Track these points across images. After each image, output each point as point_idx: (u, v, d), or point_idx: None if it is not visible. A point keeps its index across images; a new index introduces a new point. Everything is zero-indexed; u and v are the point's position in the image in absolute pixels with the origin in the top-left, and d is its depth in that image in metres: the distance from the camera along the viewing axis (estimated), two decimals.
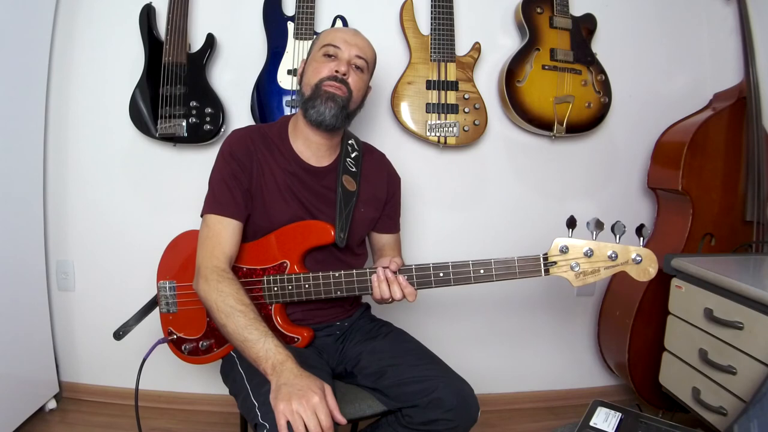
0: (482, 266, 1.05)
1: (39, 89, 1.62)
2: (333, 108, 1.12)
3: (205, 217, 1.12)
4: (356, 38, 1.18)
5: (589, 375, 1.96)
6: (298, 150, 1.19)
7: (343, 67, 1.14)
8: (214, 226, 1.10)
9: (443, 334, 1.83)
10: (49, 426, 1.65)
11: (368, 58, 1.19)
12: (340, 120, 1.14)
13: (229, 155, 1.14)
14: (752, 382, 1.11)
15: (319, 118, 1.13)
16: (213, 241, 1.09)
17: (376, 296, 1.07)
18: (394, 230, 1.34)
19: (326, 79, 1.13)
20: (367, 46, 1.20)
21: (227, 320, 1.00)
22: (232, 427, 1.69)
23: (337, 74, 1.13)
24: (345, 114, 1.15)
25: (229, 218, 1.10)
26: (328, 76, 1.13)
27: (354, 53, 1.16)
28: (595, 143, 1.84)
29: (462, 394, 1.05)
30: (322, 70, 1.15)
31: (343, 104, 1.14)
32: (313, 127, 1.16)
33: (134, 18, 1.60)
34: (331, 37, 1.17)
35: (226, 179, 1.12)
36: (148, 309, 1.27)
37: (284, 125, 1.22)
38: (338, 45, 1.15)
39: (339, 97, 1.13)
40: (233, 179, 1.12)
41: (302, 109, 1.16)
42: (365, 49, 1.19)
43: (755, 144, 1.63)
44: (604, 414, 1.05)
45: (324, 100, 1.12)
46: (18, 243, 1.57)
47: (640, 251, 1.03)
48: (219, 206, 1.11)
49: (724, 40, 1.83)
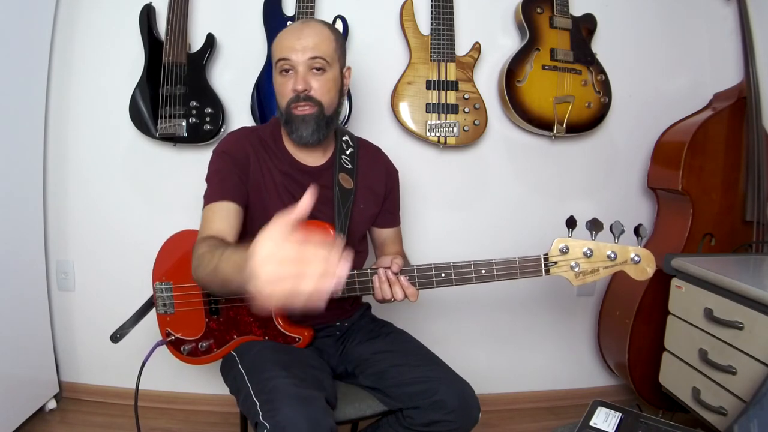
0: (484, 266, 1.05)
1: (39, 89, 1.62)
2: (308, 127, 1.10)
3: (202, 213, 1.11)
4: (302, 39, 1.08)
5: (589, 375, 1.96)
6: (291, 150, 1.18)
7: (300, 85, 1.08)
8: (205, 215, 1.08)
9: (444, 334, 1.83)
10: (49, 426, 1.65)
11: (325, 53, 1.09)
12: (322, 132, 1.12)
13: (222, 152, 1.13)
14: (752, 382, 1.11)
15: (301, 141, 1.12)
16: (202, 228, 1.07)
17: (378, 297, 1.07)
18: (395, 224, 1.33)
19: (291, 102, 1.09)
20: (319, 39, 1.09)
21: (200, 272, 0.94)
22: (232, 427, 1.69)
23: (298, 93, 1.08)
24: (324, 123, 1.12)
25: (220, 202, 1.07)
26: (292, 97, 1.09)
27: (306, 58, 1.08)
28: (595, 143, 1.84)
29: (463, 396, 1.05)
30: (284, 91, 1.10)
31: (317, 118, 1.11)
32: (296, 144, 1.15)
33: (134, 18, 1.60)
34: (278, 49, 1.10)
35: (218, 171, 1.11)
36: (144, 311, 1.26)
37: (277, 126, 1.21)
38: (287, 57, 1.08)
39: (310, 116, 1.10)
40: (226, 169, 1.10)
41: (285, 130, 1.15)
42: (318, 46, 1.09)
43: (755, 144, 1.63)
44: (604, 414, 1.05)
45: (298, 125, 1.10)
46: (18, 243, 1.57)
47: (639, 251, 1.04)
48: (212, 196, 1.09)
49: (724, 40, 1.83)
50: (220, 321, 1.16)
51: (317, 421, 0.90)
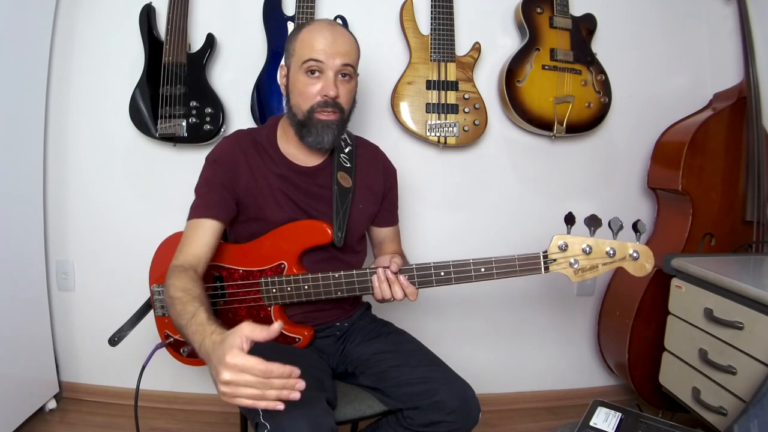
0: (483, 264, 1.05)
1: (39, 89, 1.62)
2: (331, 133, 1.09)
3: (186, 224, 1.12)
4: (337, 44, 1.06)
5: (589, 375, 1.96)
6: (288, 152, 1.17)
7: (332, 91, 1.05)
8: (187, 230, 1.10)
9: (444, 334, 1.83)
10: (49, 426, 1.65)
11: (353, 60, 1.10)
12: (339, 137, 1.13)
13: (212, 161, 1.14)
14: (752, 382, 1.11)
15: (319, 145, 1.10)
16: (181, 244, 1.08)
17: (377, 296, 1.07)
18: (393, 223, 1.32)
19: (317, 106, 1.07)
20: (350, 47, 1.09)
21: (170, 311, 0.94)
22: (232, 427, 1.69)
23: (327, 99, 1.06)
24: (342, 129, 1.13)
25: (203, 219, 1.08)
26: (319, 102, 1.06)
27: (339, 63, 1.06)
28: (595, 143, 1.84)
29: (464, 397, 1.05)
30: (310, 93, 1.07)
31: (339, 124, 1.10)
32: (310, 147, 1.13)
33: (134, 18, 1.60)
34: (309, 49, 1.06)
35: (205, 183, 1.12)
36: (142, 313, 1.26)
37: (273, 128, 1.20)
38: (320, 59, 1.05)
39: (333, 122, 1.09)
40: (212, 182, 1.11)
41: (296, 132, 1.12)
42: (349, 53, 1.08)
43: (755, 144, 1.63)
44: (604, 414, 1.05)
45: (320, 129, 1.08)
46: (18, 243, 1.57)
47: (637, 247, 1.04)
48: (196, 210, 1.10)
49: (724, 40, 1.83)
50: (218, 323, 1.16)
51: (317, 421, 0.90)
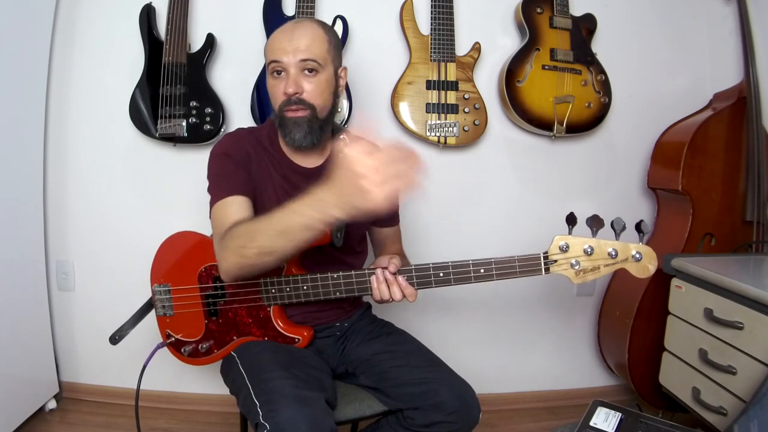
0: (482, 266, 1.04)
1: (39, 89, 1.62)
2: (301, 130, 1.09)
3: (211, 212, 1.09)
4: (293, 41, 1.05)
5: (589, 375, 1.96)
6: (287, 152, 1.17)
7: (291, 88, 1.05)
8: (219, 211, 1.06)
9: (444, 334, 1.83)
10: (49, 426, 1.65)
11: (317, 54, 1.06)
12: (315, 135, 1.11)
13: (221, 153, 1.11)
14: (752, 382, 1.11)
15: (295, 144, 1.10)
16: (219, 223, 1.05)
17: (376, 297, 1.07)
18: (394, 223, 1.32)
19: (284, 105, 1.08)
20: (311, 40, 1.06)
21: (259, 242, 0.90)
22: (232, 427, 1.69)
23: (289, 96, 1.06)
24: (318, 126, 1.11)
25: (231, 196, 1.06)
26: (284, 100, 1.07)
27: (297, 60, 1.05)
28: (595, 143, 1.84)
29: (464, 397, 1.05)
30: (277, 93, 1.08)
31: (310, 121, 1.09)
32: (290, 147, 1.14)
33: (134, 18, 1.60)
34: (270, 51, 1.08)
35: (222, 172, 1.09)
36: (143, 313, 1.25)
37: (273, 127, 1.19)
38: (279, 59, 1.05)
39: (302, 119, 1.08)
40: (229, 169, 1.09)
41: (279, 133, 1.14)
42: (310, 47, 1.06)
43: (755, 144, 1.63)
44: (604, 414, 1.05)
45: (291, 127, 1.08)
46: (18, 243, 1.57)
47: (640, 248, 1.02)
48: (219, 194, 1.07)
49: (724, 40, 1.83)
50: (219, 322, 1.16)
51: (317, 421, 0.90)
